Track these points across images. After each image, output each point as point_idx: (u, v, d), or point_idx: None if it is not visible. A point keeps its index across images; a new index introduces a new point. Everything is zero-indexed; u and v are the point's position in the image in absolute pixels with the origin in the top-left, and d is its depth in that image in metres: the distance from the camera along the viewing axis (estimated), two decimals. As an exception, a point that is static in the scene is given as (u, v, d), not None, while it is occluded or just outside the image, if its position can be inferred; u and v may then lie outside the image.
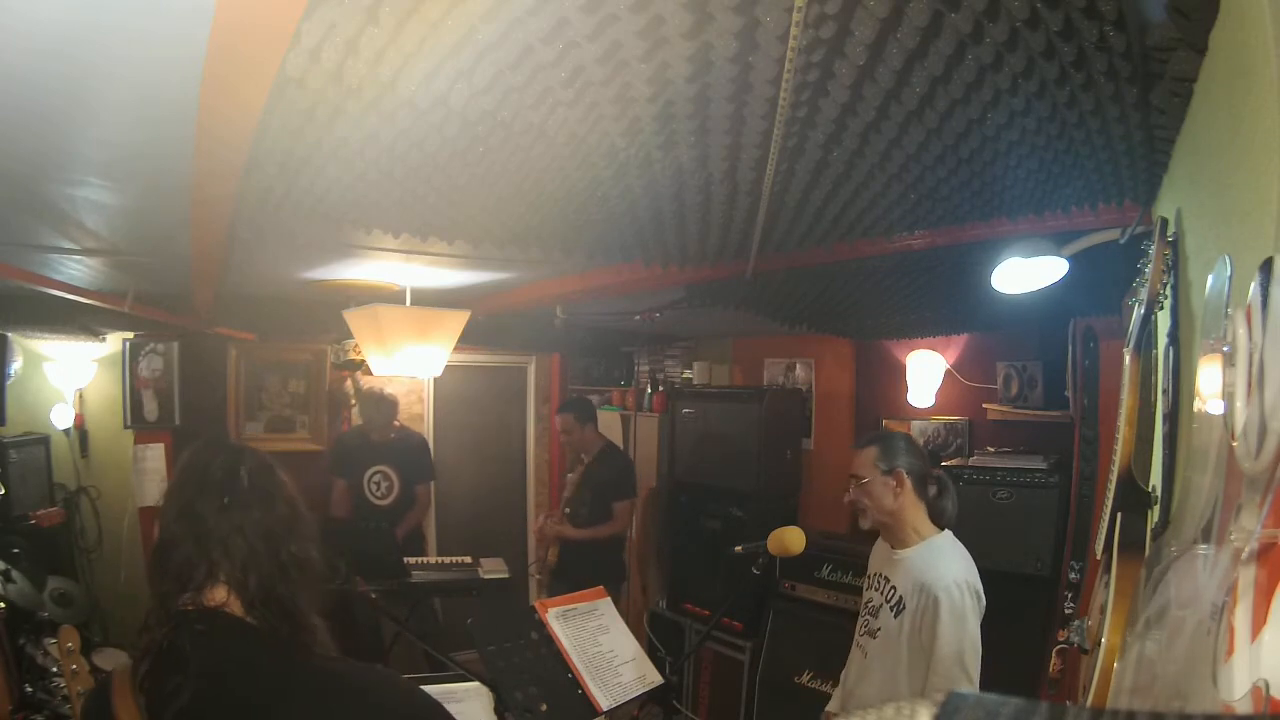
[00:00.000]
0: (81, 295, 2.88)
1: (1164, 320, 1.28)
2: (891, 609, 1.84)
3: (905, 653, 1.77)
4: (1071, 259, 1.91)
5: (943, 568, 1.77)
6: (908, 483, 1.88)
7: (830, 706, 2.11)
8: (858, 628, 2.01)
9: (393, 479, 4.10)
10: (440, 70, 1.14)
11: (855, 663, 1.99)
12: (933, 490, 1.92)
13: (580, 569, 3.62)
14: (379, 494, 4.08)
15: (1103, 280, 2.16)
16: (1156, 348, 1.31)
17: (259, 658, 1.05)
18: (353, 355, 4.33)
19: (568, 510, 3.84)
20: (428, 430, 4.75)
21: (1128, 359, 1.27)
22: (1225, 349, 0.67)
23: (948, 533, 1.89)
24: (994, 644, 1.65)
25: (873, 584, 1.98)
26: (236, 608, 1.07)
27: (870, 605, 1.95)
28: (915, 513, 1.89)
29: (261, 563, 1.07)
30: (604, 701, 1.89)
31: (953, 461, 3.38)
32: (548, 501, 5.16)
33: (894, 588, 1.86)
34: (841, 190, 1.77)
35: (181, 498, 1.10)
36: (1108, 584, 1.19)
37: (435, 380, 4.70)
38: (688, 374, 4.78)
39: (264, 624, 1.06)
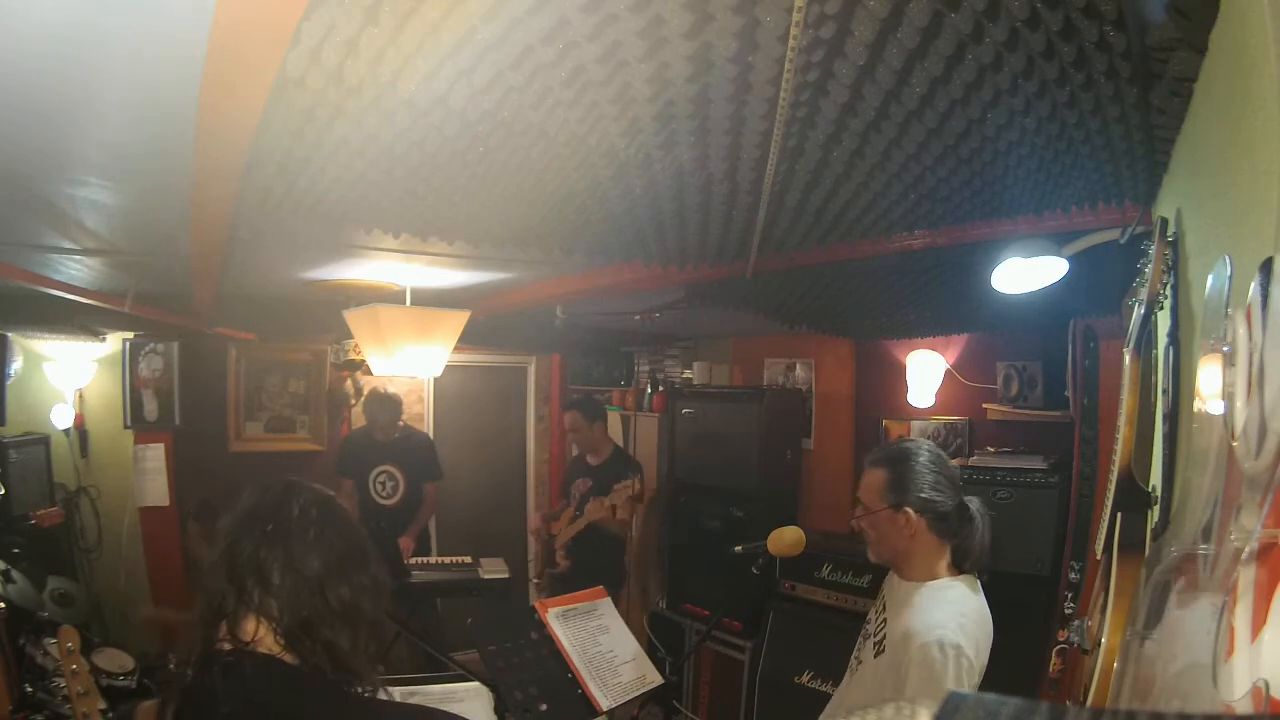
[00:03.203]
0: (81, 295, 2.88)
1: (1164, 320, 1.28)
2: (874, 646, 1.60)
3: (870, 699, 1.54)
4: (1071, 259, 1.91)
5: (935, 618, 1.44)
6: (921, 524, 1.55)
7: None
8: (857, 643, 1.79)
9: (398, 478, 4.10)
10: (440, 70, 1.14)
11: (844, 681, 1.78)
12: (962, 529, 1.56)
13: (582, 569, 3.62)
14: (384, 494, 4.08)
15: (1103, 280, 2.16)
16: (1156, 348, 1.30)
17: (293, 699, 0.99)
18: (353, 355, 4.33)
19: (579, 511, 3.80)
20: (428, 430, 4.75)
21: (1128, 359, 1.27)
22: (1225, 349, 0.67)
23: (964, 580, 1.56)
24: (994, 644, 1.64)
25: (878, 604, 1.73)
26: (271, 643, 1.00)
27: (866, 628, 1.73)
28: (930, 557, 1.56)
29: (303, 600, 1.00)
30: (604, 701, 1.89)
31: (953, 461, 3.37)
32: (547, 502, 5.15)
33: (885, 622, 1.61)
34: (841, 190, 1.77)
35: (227, 525, 1.05)
36: (1108, 584, 1.19)
37: (435, 380, 4.70)
38: (688, 374, 4.78)
39: (305, 663, 1.00)
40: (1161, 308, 1.26)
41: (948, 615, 1.46)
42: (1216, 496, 0.72)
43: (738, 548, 2.05)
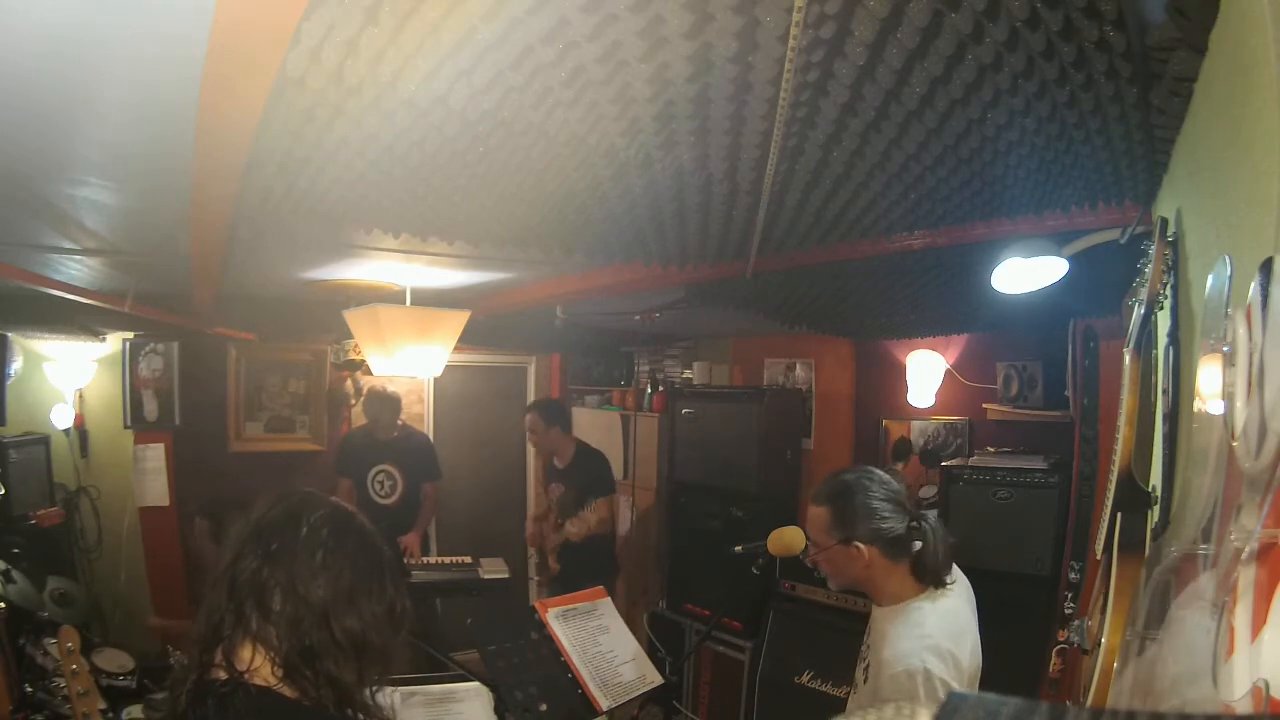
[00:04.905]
0: (81, 295, 2.88)
1: (1164, 320, 1.28)
2: (864, 671, 1.64)
3: None
4: (1071, 259, 1.91)
5: (901, 649, 1.47)
6: (874, 553, 1.56)
7: None
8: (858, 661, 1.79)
9: (397, 478, 4.10)
10: (440, 70, 1.14)
11: (850, 695, 1.76)
12: (915, 546, 1.57)
13: (576, 570, 3.64)
14: (382, 493, 4.08)
15: (1103, 280, 2.16)
16: (1156, 348, 1.30)
17: None
18: (353, 355, 4.33)
19: (561, 522, 3.83)
20: (428, 430, 4.75)
21: (1128, 359, 1.26)
22: (1225, 349, 0.67)
23: (929, 596, 1.57)
24: (994, 644, 1.65)
25: (869, 626, 1.73)
26: (268, 673, 0.93)
27: (863, 649, 1.73)
28: (890, 578, 1.58)
29: (305, 630, 0.93)
30: (604, 701, 1.89)
31: (953, 461, 3.38)
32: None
33: (868, 647, 1.65)
34: (841, 190, 1.77)
35: (235, 535, 0.99)
36: (1108, 584, 1.19)
37: (435, 380, 4.70)
38: (688, 374, 4.78)
39: (305, 696, 0.93)
40: (1161, 308, 1.26)
41: (914, 642, 1.48)
42: (1216, 496, 0.72)
43: (738, 548, 2.05)
